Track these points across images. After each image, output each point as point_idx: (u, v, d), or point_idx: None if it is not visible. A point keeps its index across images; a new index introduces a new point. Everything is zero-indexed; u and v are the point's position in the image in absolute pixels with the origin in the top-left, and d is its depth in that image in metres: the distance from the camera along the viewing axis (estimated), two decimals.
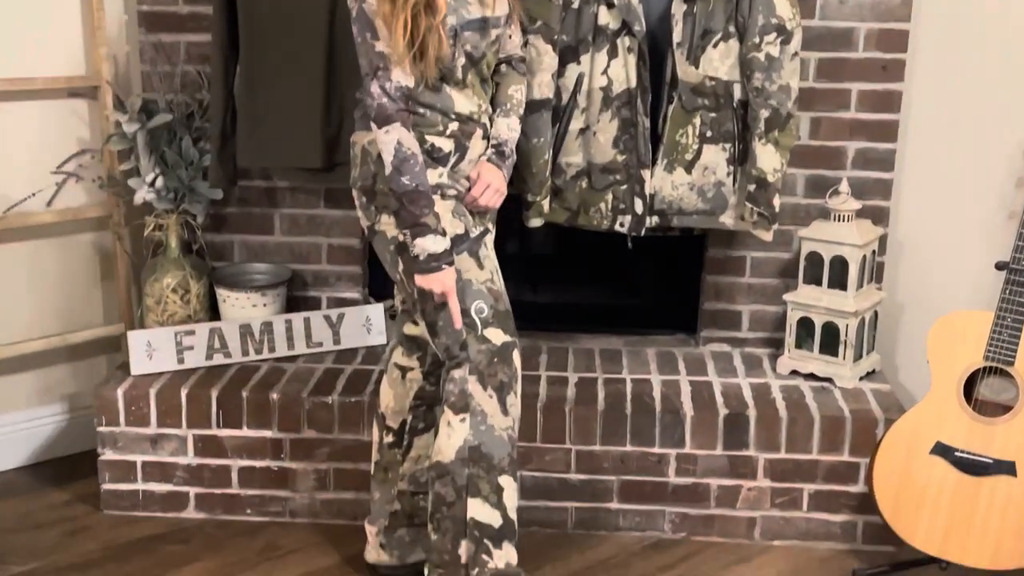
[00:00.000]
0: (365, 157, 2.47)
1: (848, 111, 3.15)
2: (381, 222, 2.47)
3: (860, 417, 2.93)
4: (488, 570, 2.43)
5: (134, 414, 3.00)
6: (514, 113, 2.58)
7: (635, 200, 2.93)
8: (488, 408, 2.43)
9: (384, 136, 2.35)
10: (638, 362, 3.24)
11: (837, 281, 3.06)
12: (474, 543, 2.43)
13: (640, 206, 2.93)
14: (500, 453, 2.43)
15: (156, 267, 3.19)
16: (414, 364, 2.66)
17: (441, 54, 2.35)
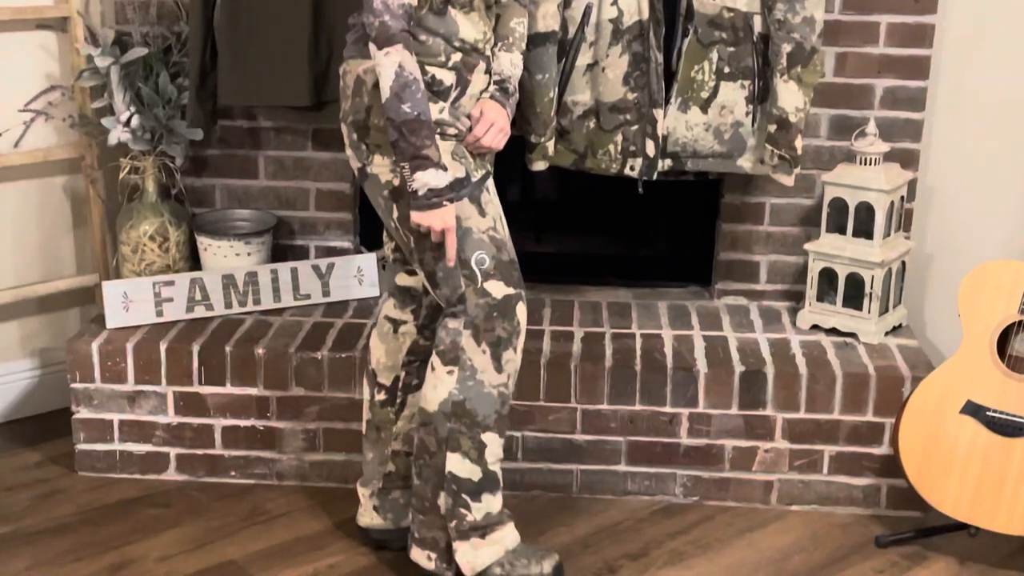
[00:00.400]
0: (359, 88, 2.42)
1: (876, 46, 3.12)
2: (374, 163, 2.44)
3: (885, 375, 2.92)
4: (466, 523, 2.50)
5: (110, 370, 2.99)
6: (516, 48, 2.54)
7: (647, 142, 2.91)
8: (479, 363, 2.44)
9: (384, 58, 2.29)
10: (648, 316, 3.23)
11: (862, 229, 3.05)
12: (451, 496, 2.49)
13: (652, 148, 2.91)
14: (486, 410, 2.46)
15: (132, 213, 3.18)
16: (407, 317, 2.64)
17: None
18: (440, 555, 2.56)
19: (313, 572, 2.71)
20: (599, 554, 2.79)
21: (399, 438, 2.71)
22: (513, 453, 2.99)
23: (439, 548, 2.55)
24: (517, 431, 2.97)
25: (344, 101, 2.46)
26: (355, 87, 2.42)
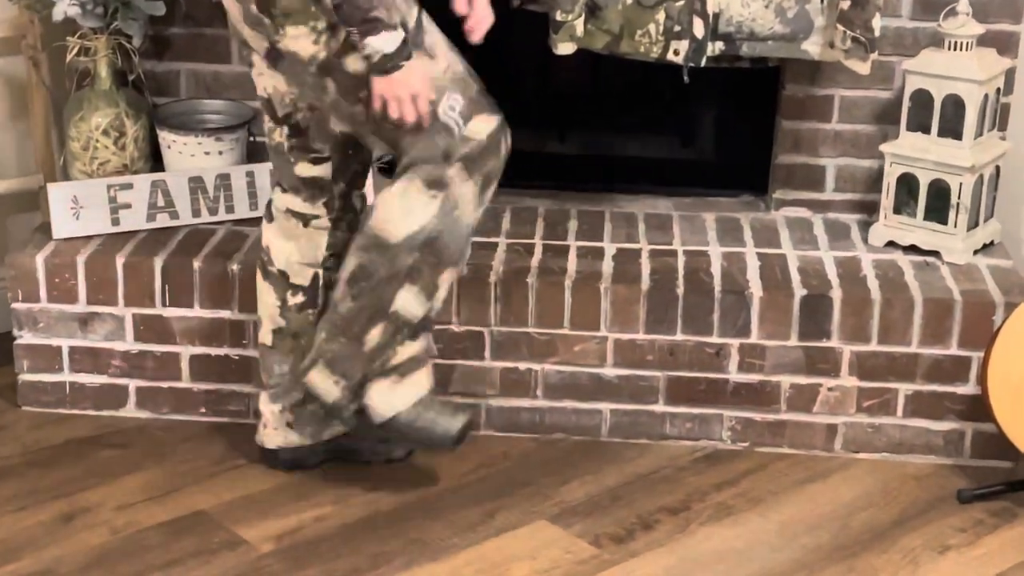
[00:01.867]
0: None
1: None
2: (287, 36, 2.46)
3: (973, 300, 2.92)
4: (392, 362, 2.65)
5: (58, 288, 3.00)
6: None
7: (694, 20, 2.90)
8: (466, 196, 2.56)
9: None
10: (693, 230, 3.24)
11: (950, 128, 3.04)
12: (388, 333, 2.63)
13: (700, 28, 2.90)
14: (455, 248, 2.59)
15: (82, 102, 3.17)
16: (319, 211, 2.71)
17: None
18: (350, 386, 2.66)
19: (298, 525, 2.73)
20: (632, 507, 2.82)
21: None
22: (532, 389, 3.01)
23: (351, 379, 2.66)
24: (537, 364, 2.99)
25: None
26: None
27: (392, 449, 2.89)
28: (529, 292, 2.94)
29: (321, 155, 2.65)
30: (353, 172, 2.72)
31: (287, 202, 2.71)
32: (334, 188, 2.68)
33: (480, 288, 2.95)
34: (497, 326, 2.97)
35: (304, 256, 2.73)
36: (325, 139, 2.64)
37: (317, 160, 2.65)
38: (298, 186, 2.68)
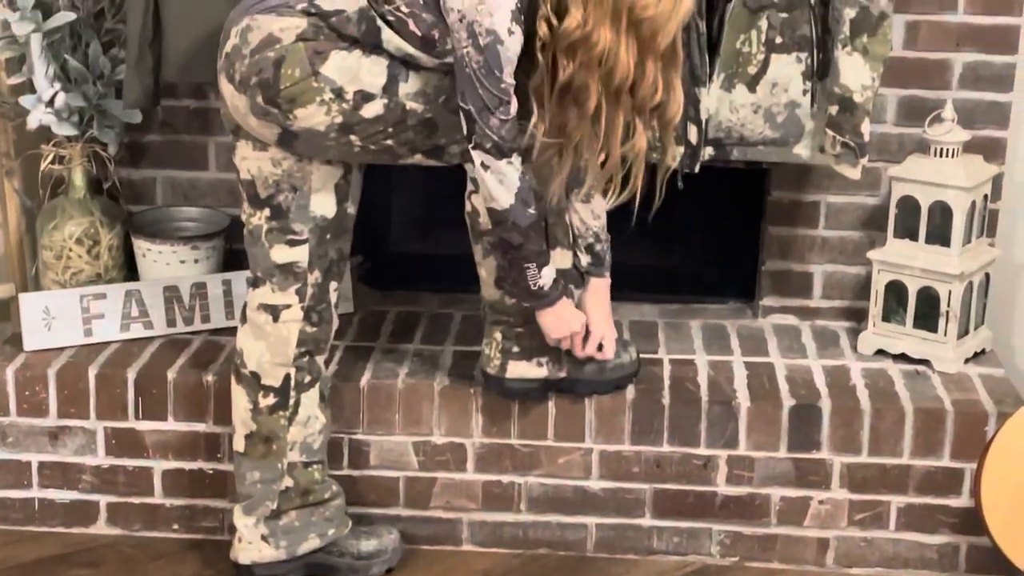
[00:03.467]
0: (267, 44, 2.53)
1: (955, 13, 3.12)
2: (299, 117, 2.54)
3: (965, 410, 2.91)
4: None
5: (28, 401, 2.99)
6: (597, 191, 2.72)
7: (688, 126, 2.92)
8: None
9: (507, 166, 2.51)
10: (679, 337, 3.24)
11: (938, 235, 3.05)
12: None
13: (695, 134, 2.93)
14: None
15: (56, 211, 3.18)
16: (290, 300, 2.71)
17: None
18: (551, 359, 2.82)
19: None
20: None
21: (295, 447, 2.76)
22: (515, 503, 2.98)
23: (549, 351, 2.80)
24: (520, 476, 2.96)
25: (239, 61, 2.55)
26: (260, 44, 2.53)
27: (371, 566, 2.85)
28: (512, 403, 2.91)
29: (299, 237, 2.67)
30: (330, 260, 2.72)
31: (259, 296, 2.72)
32: (308, 276, 2.69)
33: (462, 399, 2.93)
34: (480, 438, 2.94)
35: (275, 355, 2.72)
36: (305, 220, 2.66)
37: (294, 243, 2.67)
38: (272, 272, 2.69)
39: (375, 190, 3.05)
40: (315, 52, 2.51)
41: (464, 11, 2.43)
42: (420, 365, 3.03)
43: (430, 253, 3.53)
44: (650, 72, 2.48)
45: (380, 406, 2.95)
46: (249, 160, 2.65)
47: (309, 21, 2.52)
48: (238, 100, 2.57)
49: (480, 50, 2.43)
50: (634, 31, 2.43)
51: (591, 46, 2.43)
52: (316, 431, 2.77)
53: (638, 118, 2.53)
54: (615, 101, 2.48)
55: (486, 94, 2.46)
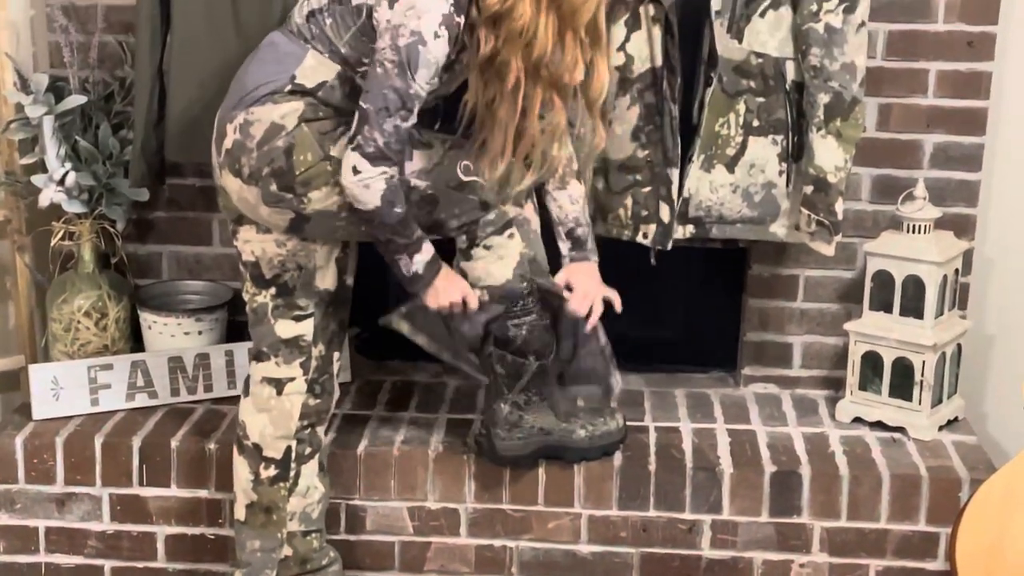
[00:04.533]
0: (272, 134, 2.53)
1: (925, 96, 3.16)
2: (313, 201, 2.55)
3: (940, 477, 2.92)
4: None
5: (36, 468, 2.98)
6: (570, 176, 2.72)
7: (661, 205, 2.94)
8: (529, 215, 2.72)
9: (376, 172, 2.47)
10: (664, 406, 3.24)
11: (911, 307, 3.07)
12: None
13: (667, 213, 2.93)
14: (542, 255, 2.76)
15: (65, 285, 3.18)
16: (295, 373, 2.71)
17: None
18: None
19: None
20: None
21: (295, 517, 2.76)
22: (507, 567, 2.97)
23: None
24: (511, 541, 2.96)
25: (243, 156, 2.55)
26: (265, 135, 2.54)
27: None
28: (503, 469, 2.92)
29: (304, 312, 2.68)
30: (332, 332, 2.74)
31: (262, 370, 2.72)
32: (313, 349, 2.70)
33: (455, 465, 2.94)
34: (472, 503, 2.95)
35: (278, 428, 2.72)
36: (310, 296, 2.67)
37: (300, 318, 2.68)
38: (277, 347, 2.69)
39: (371, 261, 3.01)
40: (321, 134, 2.53)
41: (392, 19, 2.42)
42: (415, 433, 3.04)
43: None
44: (569, 48, 2.46)
45: (376, 473, 2.95)
46: (253, 243, 2.65)
47: (304, 101, 2.53)
48: (247, 193, 2.57)
49: (397, 50, 2.41)
50: (554, 7, 2.41)
51: (512, 20, 2.40)
52: (315, 500, 2.78)
53: (557, 94, 2.50)
54: (534, 76, 2.45)
55: (391, 95, 2.43)
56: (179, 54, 2.95)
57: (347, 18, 2.52)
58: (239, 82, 2.62)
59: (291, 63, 2.55)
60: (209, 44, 2.93)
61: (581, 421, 2.89)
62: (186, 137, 2.99)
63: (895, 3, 3.10)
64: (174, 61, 2.96)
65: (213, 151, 2.64)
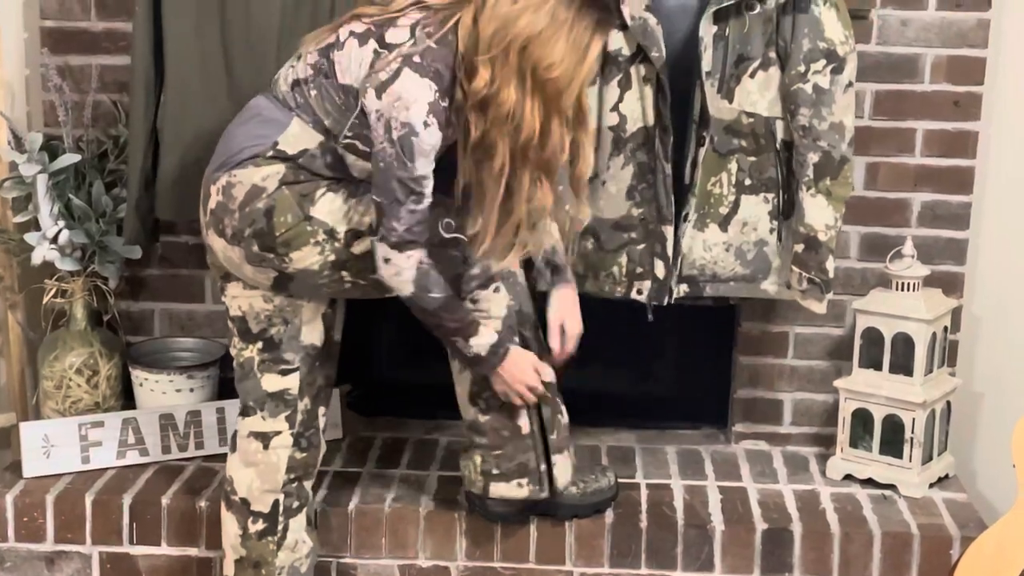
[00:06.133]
0: (253, 196, 2.55)
1: (912, 156, 3.18)
2: (295, 260, 2.56)
3: (931, 534, 2.91)
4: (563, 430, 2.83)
5: (27, 527, 2.96)
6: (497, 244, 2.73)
7: (655, 262, 2.94)
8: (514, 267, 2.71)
9: (404, 259, 2.50)
10: (655, 463, 3.24)
11: (901, 364, 3.07)
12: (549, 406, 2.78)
13: (662, 269, 2.94)
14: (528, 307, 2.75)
15: (57, 343, 3.18)
16: (280, 427, 2.70)
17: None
18: (531, 477, 2.78)
19: None
20: None
21: (283, 571, 2.74)
22: None
23: (528, 470, 2.77)
24: None
25: (226, 217, 2.57)
26: (246, 197, 2.55)
27: None
28: (495, 526, 2.90)
29: (290, 366, 2.67)
30: (318, 387, 2.73)
31: (249, 424, 2.71)
32: (299, 403, 2.69)
33: (446, 523, 2.92)
34: (464, 561, 2.93)
35: (265, 482, 2.71)
36: (296, 350, 2.67)
37: (286, 372, 2.68)
38: (263, 401, 2.69)
39: (362, 320, 3.05)
40: (301, 196, 2.54)
41: (382, 109, 2.43)
42: (406, 490, 3.03)
43: (415, 381, 3.51)
44: (555, 130, 2.47)
45: (367, 530, 2.93)
46: (240, 298, 2.66)
47: (286, 165, 2.55)
48: (231, 252, 2.58)
49: (393, 143, 2.43)
50: (539, 91, 2.42)
51: (498, 104, 2.42)
52: (303, 555, 2.76)
53: (545, 176, 2.51)
54: (522, 158, 2.46)
55: (398, 186, 2.45)
56: (172, 114, 2.97)
57: (332, 93, 2.53)
58: (224, 144, 2.64)
59: (275, 129, 2.57)
60: (202, 104, 2.95)
61: (573, 478, 2.87)
62: (179, 196, 3.01)
63: (882, 64, 3.14)
64: (168, 121, 2.98)
65: (200, 210, 2.66)
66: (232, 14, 2.87)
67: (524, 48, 2.40)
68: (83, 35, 3.18)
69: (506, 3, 2.41)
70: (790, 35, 2.82)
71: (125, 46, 3.10)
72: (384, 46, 2.47)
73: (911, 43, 3.12)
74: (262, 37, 2.87)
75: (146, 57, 2.96)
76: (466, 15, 2.46)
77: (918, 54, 3.12)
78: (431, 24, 2.47)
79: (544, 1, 2.40)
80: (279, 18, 2.86)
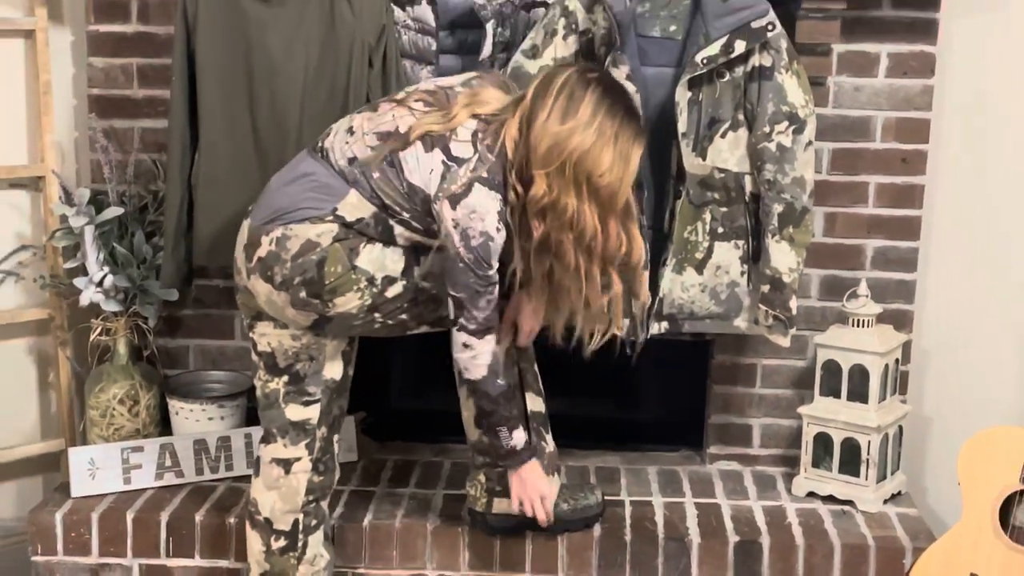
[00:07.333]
0: (308, 249, 2.54)
1: (866, 206, 3.19)
2: (337, 305, 2.56)
3: (885, 545, 2.92)
4: (546, 455, 2.79)
5: (74, 541, 2.96)
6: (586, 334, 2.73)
7: (633, 302, 2.90)
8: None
9: (483, 344, 2.54)
10: (638, 482, 3.23)
11: (857, 393, 3.07)
12: (534, 433, 2.75)
13: (640, 307, 2.92)
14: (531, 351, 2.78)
15: (102, 376, 3.18)
16: (301, 453, 2.69)
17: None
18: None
19: None
20: None
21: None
22: None
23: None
24: None
25: (276, 265, 2.55)
26: (301, 249, 2.54)
27: None
28: (494, 539, 2.91)
29: (312, 398, 2.66)
30: (334, 417, 2.73)
31: (272, 451, 2.70)
32: (317, 431, 2.69)
33: (451, 537, 2.93)
34: (467, 570, 2.93)
35: (286, 503, 2.70)
36: (319, 384, 2.66)
37: (308, 403, 2.67)
38: (286, 429, 2.68)
39: (376, 354, 3.05)
40: (350, 249, 2.54)
41: (458, 220, 2.46)
42: (415, 507, 3.02)
43: (424, 409, 3.51)
44: (613, 228, 2.49)
45: (380, 544, 2.94)
46: (269, 336, 2.65)
47: (339, 225, 2.54)
48: (276, 297, 2.56)
49: (471, 250, 2.46)
50: (594, 196, 2.45)
51: (559, 211, 2.44)
52: (321, 568, 2.76)
53: (610, 267, 2.53)
54: (588, 255, 2.49)
55: (477, 282, 2.49)
56: (205, 171, 2.96)
57: (396, 183, 2.52)
58: (274, 197, 2.60)
59: (334, 197, 2.55)
60: (231, 163, 2.95)
61: (564, 495, 2.88)
62: (211, 244, 2.99)
63: (838, 125, 3.15)
64: (201, 177, 2.97)
65: (241, 256, 2.63)
66: (258, 85, 2.88)
67: (578, 162, 2.43)
68: (126, 101, 3.20)
69: (555, 122, 2.44)
70: (756, 99, 2.82)
71: (163, 111, 3.09)
72: (451, 159, 2.48)
73: (864, 106, 3.14)
74: (285, 106, 2.87)
75: (182, 121, 2.96)
76: (511, 127, 2.48)
77: (870, 116, 3.14)
78: (488, 137, 2.49)
79: (592, 118, 2.44)
80: (300, 89, 2.86)
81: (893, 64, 3.13)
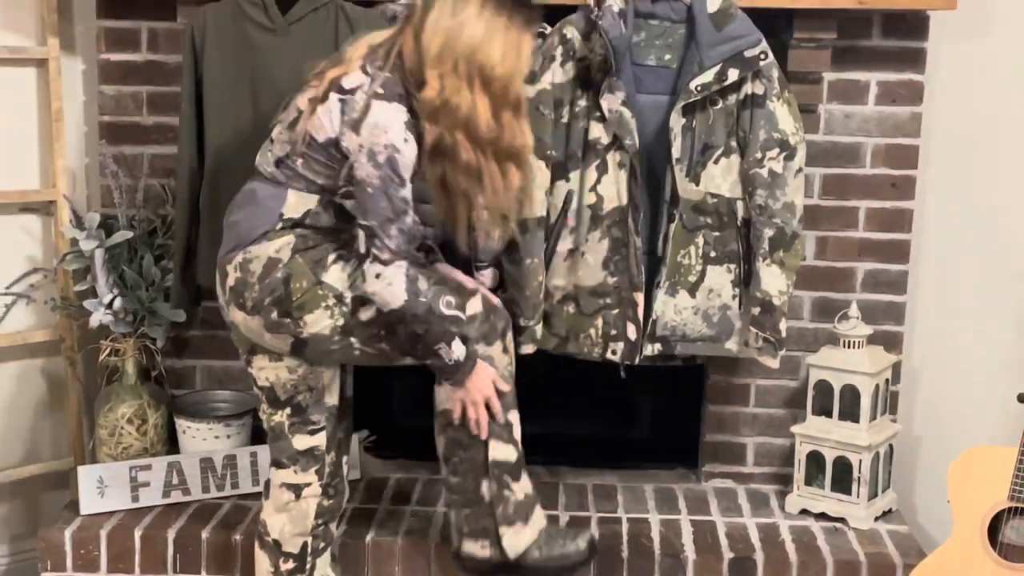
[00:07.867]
0: (271, 268, 2.50)
1: (856, 230, 3.19)
2: (308, 324, 2.51)
3: (877, 561, 2.90)
4: (511, 505, 2.67)
5: (83, 558, 2.94)
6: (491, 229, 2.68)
7: (627, 325, 2.92)
8: (493, 353, 2.64)
9: (394, 270, 2.43)
10: (635, 499, 3.22)
11: (848, 412, 3.06)
12: (495, 481, 2.65)
13: (633, 332, 2.91)
14: (506, 389, 2.64)
15: (111, 395, 3.16)
16: (311, 479, 2.66)
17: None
18: (492, 542, 2.68)
19: None
20: None
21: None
22: None
23: (491, 535, 2.68)
24: None
25: (246, 291, 2.51)
26: (264, 270, 2.50)
27: None
28: None
29: (318, 426, 2.63)
30: (339, 439, 2.69)
31: (282, 476, 2.67)
32: (326, 457, 2.65)
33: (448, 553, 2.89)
34: None
35: (295, 527, 2.67)
36: (321, 411, 2.63)
37: (314, 431, 2.63)
38: (295, 457, 2.65)
39: (378, 375, 3.01)
40: (314, 262, 2.49)
41: (363, 142, 2.38)
42: (416, 524, 3.01)
43: (426, 427, 3.35)
44: (507, 121, 2.43)
45: (382, 560, 2.92)
46: (267, 370, 2.60)
47: (295, 233, 2.50)
48: (252, 323, 2.52)
49: (379, 166, 2.37)
50: (487, 89, 2.38)
51: (452, 109, 2.37)
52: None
53: (508, 162, 2.45)
54: (483, 151, 2.41)
55: (386, 205, 2.39)
56: (212, 196, 2.96)
57: (317, 154, 2.47)
58: (231, 230, 2.57)
59: (276, 204, 2.52)
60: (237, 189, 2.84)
61: (538, 542, 2.73)
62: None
63: (829, 151, 3.15)
64: (208, 202, 2.97)
65: (219, 291, 2.60)
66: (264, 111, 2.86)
67: (471, 56, 2.38)
68: (136, 128, 3.20)
69: (446, 17, 2.38)
70: (748, 126, 2.83)
71: (172, 138, 3.10)
72: (346, 92, 2.42)
73: (854, 133, 3.14)
74: None
75: (190, 147, 2.96)
76: (406, 40, 2.44)
77: (860, 142, 3.15)
78: (378, 59, 2.44)
79: (480, 10, 2.38)
80: None
81: (882, 92, 3.13)
